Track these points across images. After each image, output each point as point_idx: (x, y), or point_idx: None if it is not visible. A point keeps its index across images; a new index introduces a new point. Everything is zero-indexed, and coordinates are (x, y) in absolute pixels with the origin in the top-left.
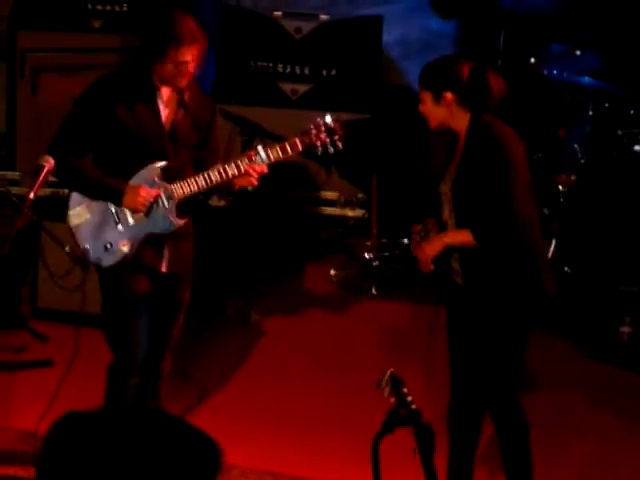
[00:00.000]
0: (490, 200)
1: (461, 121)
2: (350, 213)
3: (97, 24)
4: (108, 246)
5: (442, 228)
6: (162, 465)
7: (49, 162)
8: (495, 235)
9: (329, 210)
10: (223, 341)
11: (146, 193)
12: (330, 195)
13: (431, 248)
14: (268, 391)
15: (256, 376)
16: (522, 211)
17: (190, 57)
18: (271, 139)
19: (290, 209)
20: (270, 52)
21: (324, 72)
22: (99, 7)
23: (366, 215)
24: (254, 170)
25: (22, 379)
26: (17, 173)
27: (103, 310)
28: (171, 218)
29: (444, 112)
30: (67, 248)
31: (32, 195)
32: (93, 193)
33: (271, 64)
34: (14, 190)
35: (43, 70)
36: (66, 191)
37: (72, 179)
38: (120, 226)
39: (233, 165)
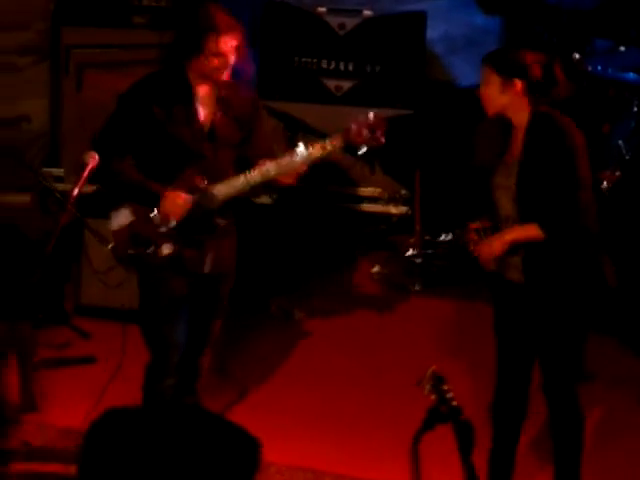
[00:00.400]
0: (559, 191)
1: (521, 113)
2: (393, 210)
3: (141, 20)
4: (151, 248)
5: (499, 223)
6: (201, 461)
7: (94, 159)
8: (565, 226)
9: (372, 207)
10: (266, 339)
11: (183, 201)
12: (374, 192)
13: (496, 246)
14: (309, 389)
15: (297, 374)
16: (590, 201)
17: (228, 47)
18: (315, 135)
19: (334, 206)
20: (314, 48)
21: (368, 68)
22: (143, 3)
23: (409, 212)
24: (294, 169)
25: (65, 376)
26: (62, 170)
27: (141, 310)
28: (213, 221)
29: (507, 100)
30: (110, 245)
31: (76, 192)
32: (131, 196)
33: (315, 60)
34: (59, 187)
35: (87, 66)
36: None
37: (112, 180)
38: (162, 228)
39: (274, 164)
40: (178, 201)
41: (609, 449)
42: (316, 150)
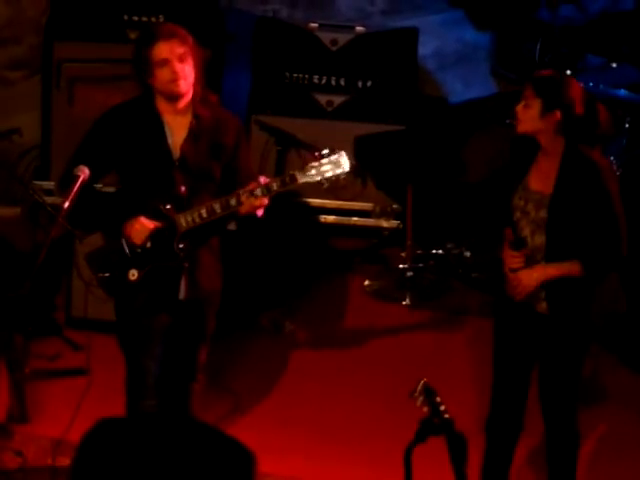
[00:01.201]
0: (603, 230)
1: (555, 142)
2: (385, 224)
3: (133, 35)
4: (118, 273)
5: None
6: (195, 473)
7: (84, 172)
8: (611, 265)
9: (364, 221)
10: (258, 352)
11: (141, 225)
12: (365, 206)
13: (534, 279)
14: (302, 401)
15: (290, 386)
16: (626, 238)
17: (169, 54)
18: (306, 150)
19: (325, 220)
20: (306, 63)
21: (359, 84)
22: (135, 18)
23: (401, 226)
24: (252, 203)
25: (56, 387)
26: (52, 183)
27: (117, 334)
28: (174, 248)
29: (542, 126)
30: (84, 255)
31: (67, 204)
32: (98, 224)
33: (307, 75)
34: (49, 200)
35: (79, 81)
36: None
37: (79, 209)
38: (129, 254)
39: (234, 197)
40: (136, 226)
41: (604, 465)
42: (276, 185)
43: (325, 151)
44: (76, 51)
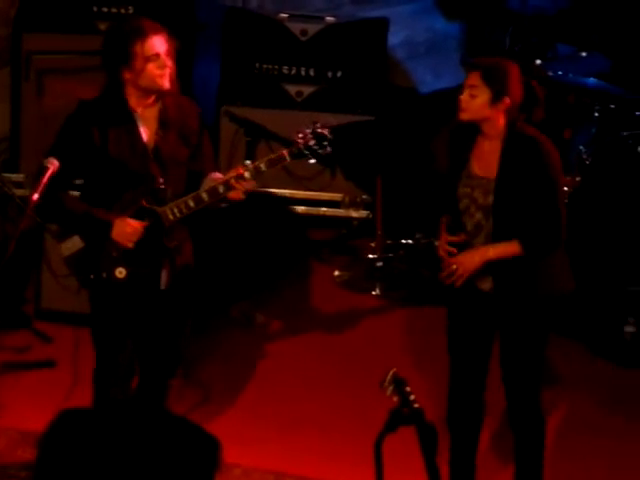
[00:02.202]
0: (544, 209)
1: (498, 126)
2: (354, 214)
3: (103, 26)
4: (104, 274)
5: (465, 231)
6: (159, 460)
7: (53, 164)
8: (549, 243)
9: (333, 211)
10: (228, 343)
11: (133, 228)
12: (334, 196)
13: (470, 264)
14: (272, 392)
15: (260, 377)
16: (565, 218)
17: (160, 48)
18: (276, 141)
19: (294, 210)
20: (275, 54)
21: (329, 74)
22: (104, 9)
23: (370, 216)
24: (242, 186)
25: (25, 379)
26: (21, 175)
27: (91, 326)
28: (163, 242)
29: (491, 113)
30: (64, 258)
31: (36, 197)
32: (82, 229)
33: (276, 66)
34: (18, 192)
35: (48, 72)
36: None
37: (61, 216)
38: (114, 253)
39: (222, 185)
40: (127, 229)
41: (569, 450)
42: (264, 165)
43: (308, 126)
44: (45, 43)
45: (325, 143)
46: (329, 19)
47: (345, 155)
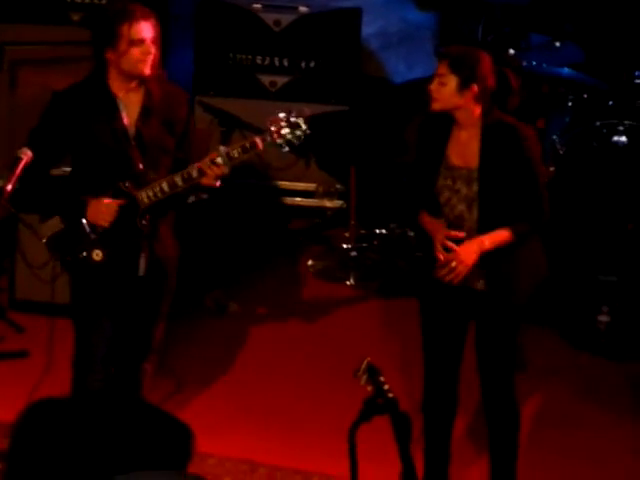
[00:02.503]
0: (527, 195)
1: (472, 116)
2: (328, 204)
3: (76, 17)
4: (83, 255)
5: (448, 224)
6: (131, 449)
7: (27, 154)
8: (537, 225)
9: (307, 201)
10: (201, 332)
11: (107, 207)
12: (308, 186)
13: (469, 256)
14: (246, 381)
15: (234, 367)
16: (547, 198)
17: (146, 34)
18: (250, 130)
19: (268, 200)
20: (249, 44)
21: (303, 64)
22: (78, 0)
23: (344, 206)
24: (214, 172)
25: None
26: None
27: (71, 307)
28: (137, 224)
29: (459, 101)
30: (44, 240)
31: (9, 187)
32: (56, 209)
33: (250, 56)
34: None
35: (21, 63)
36: None
37: (37, 194)
38: (92, 235)
39: (196, 169)
40: (101, 207)
41: (544, 440)
42: (237, 152)
43: (282, 114)
44: (18, 34)
45: (299, 133)
46: (302, 9)
47: (319, 145)
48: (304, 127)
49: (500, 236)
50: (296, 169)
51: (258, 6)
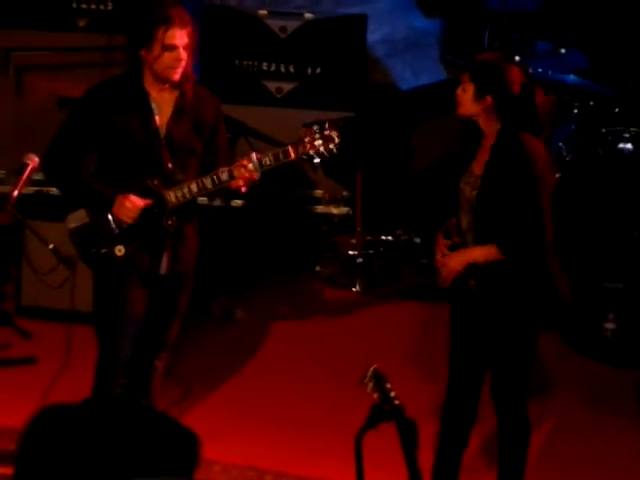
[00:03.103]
0: (523, 217)
1: (492, 125)
2: (335, 211)
3: (82, 23)
4: (104, 250)
5: (461, 230)
6: (139, 455)
7: (33, 160)
8: (526, 252)
9: (314, 208)
10: (208, 339)
11: (132, 204)
12: (315, 193)
13: (457, 263)
14: (252, 388)
15: (241, 373)
16: (550, 227)
17: (180, 41)
18: (255, 137)
19: (275, 207)
20: (255, 50)
21: (309, 70)
22: (84, 6)
23: (350, 212)
24: (245, 177)
25: (5, 376)
26: (1, 172)
27: (94, 310)
28: (163, 224)
29: (478, 110)
30: (51, 246)
31: (16, 193)
32: (84, 201)
33: (256, 62)
34: None
35: (27, 69)
36: (53, 190)
37: (65, 186)
38: (116, 230)
39: (226, 172)
40: (127, 204)
41: (550, 446)
42: (269, 159)
43: (315, 126)
44: (25, 39)
45: (332, 146)
46: (308, 16)
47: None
48: (337, 140)
49: (490, 252)
50: (303, 176)
51: (264, 12)
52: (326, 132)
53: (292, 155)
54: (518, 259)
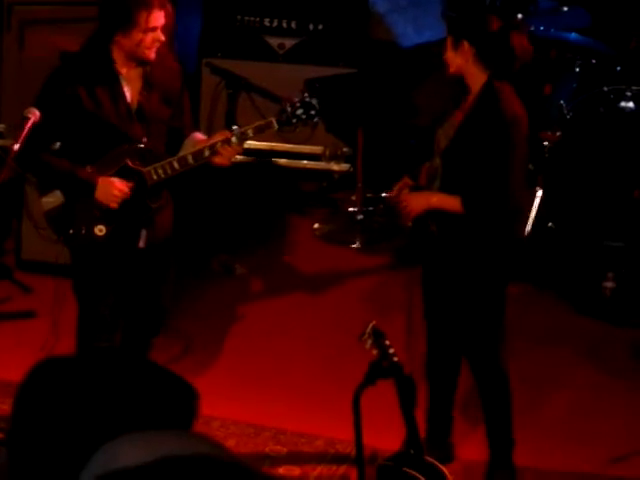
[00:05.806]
0: (488, 175)
1: (476, 79)
2: (335, 167)
3: None
4: (82, 231)
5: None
6: (137, 408)
7: (34, 114)
8: (487, 210)
9: (314, 164)
10: (208, 295)
11: (118, 190)
12: (315, 149)
13: (416, 205)
14: (251, 344)
15: (240, 330)
16: (517, 191)
17: (159, 22)
18: (257, 93)
19: (275, 163)
20: (257, 6)
21: (311, 26)
22: None
23: (351, 169)
24: (228, 152)
25: (4, 330)
26: (2, 125)
27: (73, 283)
28: (146, 203)
29: (461, 61)
30: (44, 213)
31: (17, 147)
32: (63, 186)
33: (258, 18)
34: None
35: (29, 23)
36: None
37: (42, 173)
38: (97, 212)
39: (209, 148)
40: (114, 191)
41: (545, 404)
42: (251, 131)
43: (296, 97)
44: None
45: (313, 112)
46: None
47: (326, 107)
48: (318, 107)
49: (450, 202)
50: (303, 131)
51: None
52: (307, 100)
53: (275, 126)
54: (477, 219)
